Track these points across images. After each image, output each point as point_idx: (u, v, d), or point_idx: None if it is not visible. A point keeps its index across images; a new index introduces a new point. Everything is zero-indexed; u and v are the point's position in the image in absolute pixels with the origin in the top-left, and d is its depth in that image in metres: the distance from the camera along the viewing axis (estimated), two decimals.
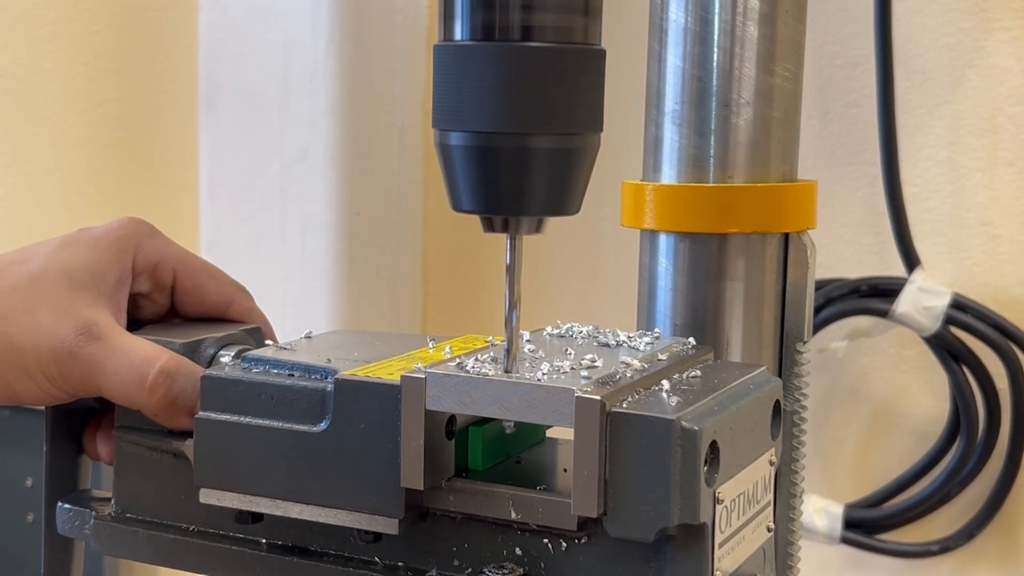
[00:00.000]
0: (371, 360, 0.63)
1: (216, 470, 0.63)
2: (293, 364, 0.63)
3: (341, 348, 0.66)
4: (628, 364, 0.59)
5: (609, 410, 0.55)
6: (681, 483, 0.54)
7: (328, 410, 0.60)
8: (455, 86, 0.57)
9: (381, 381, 0.59)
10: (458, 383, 0.57)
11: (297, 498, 0.61)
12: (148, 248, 0.70)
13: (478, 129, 0.57)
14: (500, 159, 0.57)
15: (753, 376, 0.62)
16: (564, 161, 0.58)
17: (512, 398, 0.56)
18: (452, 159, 0.58)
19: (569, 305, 1.21)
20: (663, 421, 0.54)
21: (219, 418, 0.63)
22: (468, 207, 0.59)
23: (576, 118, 0.58)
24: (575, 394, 0.55)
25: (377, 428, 0.59)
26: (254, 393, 0.62)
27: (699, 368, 0.63)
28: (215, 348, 0.68)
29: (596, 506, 0.55)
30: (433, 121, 0.60)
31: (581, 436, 0.55)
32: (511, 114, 0.56)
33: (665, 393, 0.57)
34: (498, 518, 0.59)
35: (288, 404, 0.62)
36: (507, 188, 0.58)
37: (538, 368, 0.58)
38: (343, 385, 0.60)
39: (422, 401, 0.57)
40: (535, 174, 0.58)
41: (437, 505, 0.60)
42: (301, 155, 1.18)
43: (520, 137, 0.57)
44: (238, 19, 1.21)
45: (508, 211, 0.58)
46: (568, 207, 0.59)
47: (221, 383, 0.63)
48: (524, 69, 0.56)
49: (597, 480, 0.55)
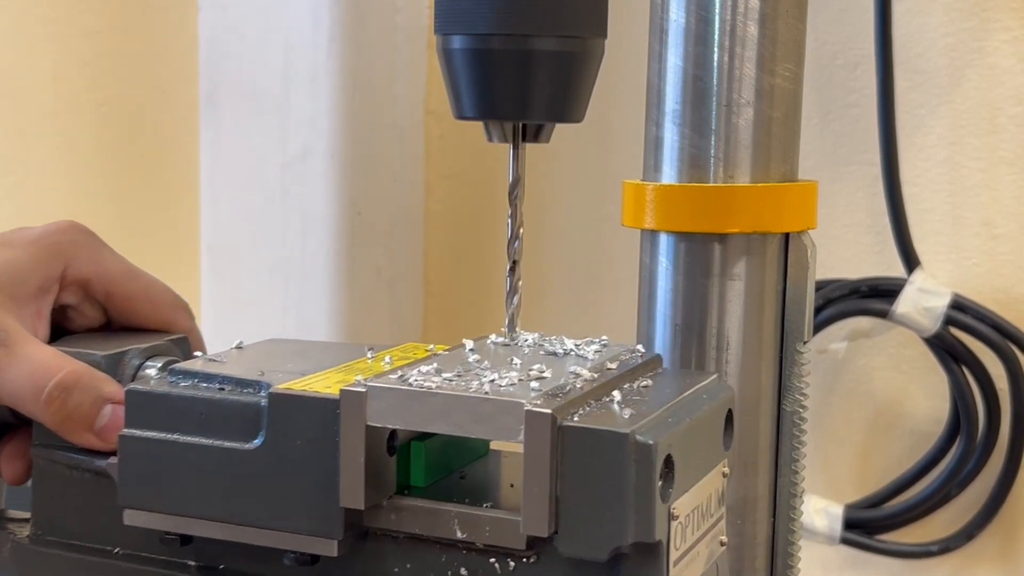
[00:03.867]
0: (307, 372, 0.59)
1: (142, 490, 0.59)
2: (223, 377, 0.59)
3: (275, 359, 0.63)
4: (577, 374, 0.57)
5: (560, 424, 0.52)
6: (636, 500, 0.51)
7: (262, 426, 0.57)
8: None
9: (318, 395, 0.56)
10: (400, 397, 0.54)
11: (229, 519, 0.58)
12: (82, 260, 0.67)
13: (480, 32, 0.55)
14: (502, 62, 0.55)
15: (705, 385, 0.60)
16: (567, 65, 0.56)
17: (457, 412, 0.53)
18: (454, 64, 0.57)
19: (568, 305, 1.21)
20: (616, 435, 0.51)
21: (145, 435, 0.59)
22: (470, 113, 0.58)
23: (579, 21, 0.56)
24: (524, 407, 0.52)
25: (314, 444, 0.56)
26: (182, 408, 0.59)
27: (649, 377, 0.60)
28: (140, 360, 0.65)
29: (547, 525, 0.52)
30: (435, 27, 0.59)
31: (531, 451, 0.52)
32: (513, 16, 0.55)
33: (617, 405, 0.55)
34: (443, 537, 0.56)
35: (219, 420, 0.58)
36: (509, 92, 0.56)
37: (483, 379, 0.55)
38: (278, 399, 0.56)
39: (362, 416, 0.54)
40: (538, 78, 0.55)
41: (378, 525, 0.57)
42: (302, 155, 1.18)
43: (522, 39, 0.55)
44: (238, 19, 1.21)
45: (510, 116, 0.57)
46: (572, 114, 0.57)
47: (147, 398, 0.59)
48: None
49: (548, 497, 0.52)
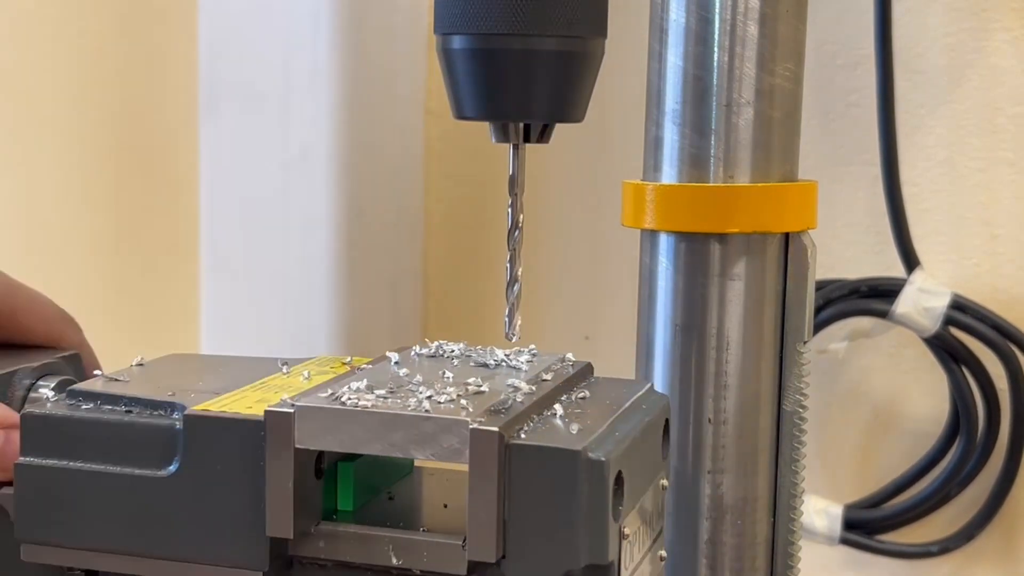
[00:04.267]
0: (220, 391, 0.56)
1: (41, 523, 0.55)
2: (130, 399, 0.55)
3: (182, 377, 0.59)
4: (516, 388, 0.54)
5: (508, 442, 0.49)
6: (589, 519, 0.49)
7: (176, 451, 0.53)
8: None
9: (239, 416, 0.52)
10: (332, 417, 0.51)
11: (140, 551, 0.54)
12: None
13: (481, 31, 0.55)
14: (502, 62, 0.55)
15: (643, 395, 0.58)
16: (568, 65, 0.56)
17: (395, 432, 0.50)
18: (454, 64, 0.57)
19: (568, 305, 1.21)
20: (568, 453, 0.48)
21: (44, 463, 0.54)
22: (470, 113, 0.57)
23: (580, 21, 0.56)
24: (469, 425, 0.49)
25: (236, 470, 0.52)
26: (85, 434, 0.54)
27: (584, 388, 0.58)
28: (31, 379, 0.61)
29: (495, 550, 0.49)
30: (435, 27, 0.58)
31: (477, 472, 0.49)
32: (513, 15, 0.54)
33: (560, 419, 0.52)
34: (376, 564, 0.52)
35: (127, 445, 0.54)
36: (511, 92, 0.56)
37: (419, 396, 0.52)
38: (194, 422, 0.53)
39: (290, 438, 0.51)
40: (538, 77, 0.55)
41: (305, 553, 0.53)
42: (302, 155, 1.18)
43: (524, 39, 0.55)
44: (238, 19, 1.21)
45: (513, 116, 0.56)
46: (573, 113, 0.57)
47: (45, 422, 0.55)
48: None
49: (496, 520, 0.49)
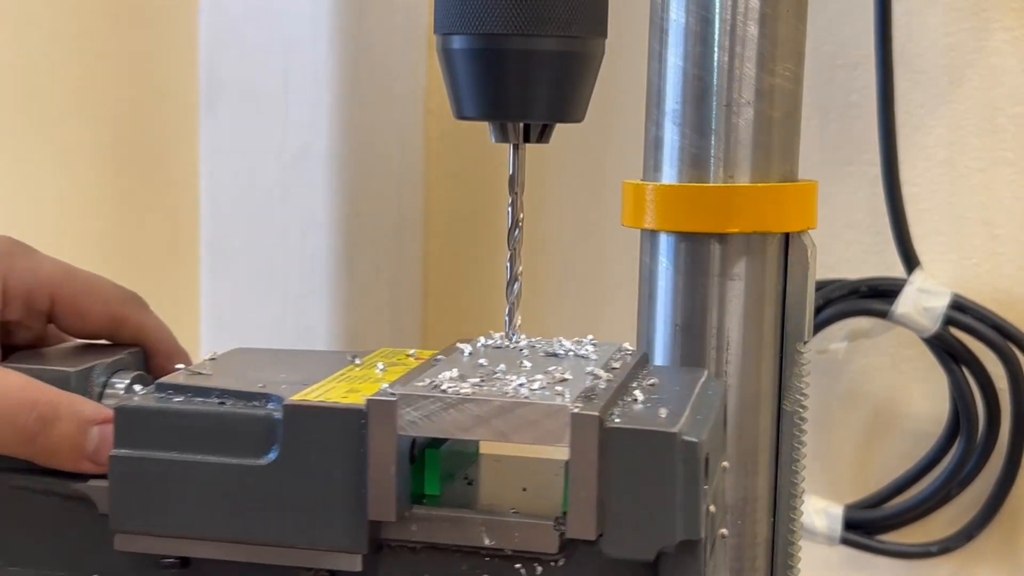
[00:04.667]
0: (306, 382, 0.57)
1: (137, 513, 0.56)
2: (221, 391, 0.57)
3: (262, 370, 0.60)
4: (596, 375, 0.56)
5: (605, 425, 0.52)
6: (683, 498, 0.51)
7: (275, 440, 0.55)
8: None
9: (339, 405, 0.54)
10: (436, 405, 0.53)
11: (239, 538, 0.55)
12: (19, 271, 0.64)
13: (481, 31, 0.55)
14: (502, 62, 0.56)
15: (705, 380, 0.60)
16: (568, 65, 0.56)
17: (498, 419, 0.52)
18: (454, 64, 0.57)
19: (568, 305, 1.21)
20: (665, 435, 0.51)
21: (139, 455, 0.55)
22: (471, 114, 0.58)
23: (580, 21, 0.56)
24: (570, 411, 0.51)
25: (336, 457, 0.54)
26: (182, 425, 0.56)
27: (651, 375, 0.60)
28: (106, 375, 0.62)
29: (594, 528, 0.52)
30: (435, 26, 0.59)
31: (578, 455, 0.51)
32: (513, 15, 0.55)
33: (643, 404, 0.54)
34: (467, 545, 0.54)
35: (224, 435, 0.55)
36: (512, 92, 0.56)
37: (511, 384, 0.54)
38: (294, 411, 0.54)
39: (392, 425, 0.53)
40: (539, 77, 0.56)
41: (399, 537, 0.55)
42: (301, 155, 1.18)
43: (524, 39, 0.55)
44: (238, 19, 1.21)
45: (513, 116, 0.57)
46: (573, 113, 0.58)
47: (140, 415, 0.56)
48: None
49: (595, 501, 0.51)
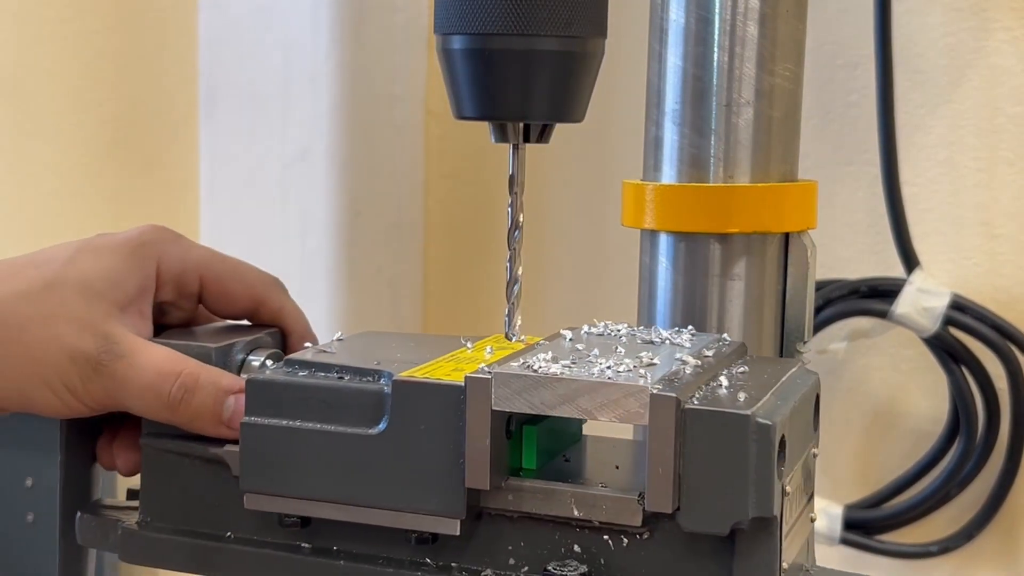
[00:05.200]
0: (418, 361, 0.63)
1: (264, 475, 0.62)
2: (341, 367, 0.63)
3: (381, 350, 0.66)
4: (684, 361, 0.60)
5: (683, 407, 0.55)
6: (756, 477, 0.54)
7: (384, 412, 0.60)
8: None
9: (442, 382, 0.59)
10: (526, 383, 0.57)
11: (351, 500, 0.61)
12: (171, 255, 0.69)
13: (481, 31, 0.56)
14: (502, 62, 0.56)
15: (795, 371, 0.63)
16: (568, 65, 0.57)
17: (583, 397, 0.56)
18: (454, 64, 0.57)
19: (568, 305, 1.21)
20: (739, 417, 0.54)
21: (267, 423, 0.62)
22: (471, 114, 0.58)
23: (579, 21, 0.57)
24: (649, 391, 0.55)
25: (438, 429, 0.59)
26: (304, 396, 0.62)
27: (743, 364, 0.63)
28: (244, 352, 0.68)
29: (671, 501, 0.55)
30: (435, 26, 0.59)
31: (656, 433, 0.55)
32: (514, 16, 0.55)
33: (726, 389, 0.58)
34: (558, 516, 0.59)
35: (341, 407, 0.61)
36: (511, 92, 0.57)
37: (599, 366, 0.58)
38: (401, 386, 0.60)
39: (488, 401, 0.57)
40: (538, 78, 0.56)
41: (495, 505, 0.60)
42: (301, 155, 1.18)
43: (524, 39, 0.56)
44: (238, 19, 1.21)
45: (512, 116, 0.57)
46: (573, 113, 0.58)
47: (268, 387, 0.62)
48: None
49: (672, 476, 0.55)
